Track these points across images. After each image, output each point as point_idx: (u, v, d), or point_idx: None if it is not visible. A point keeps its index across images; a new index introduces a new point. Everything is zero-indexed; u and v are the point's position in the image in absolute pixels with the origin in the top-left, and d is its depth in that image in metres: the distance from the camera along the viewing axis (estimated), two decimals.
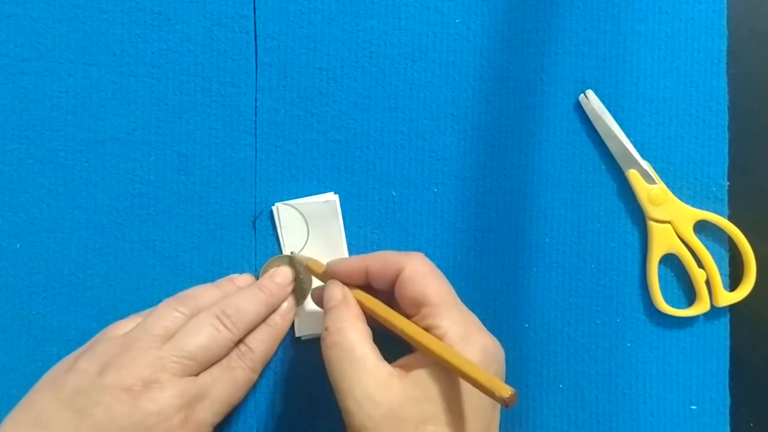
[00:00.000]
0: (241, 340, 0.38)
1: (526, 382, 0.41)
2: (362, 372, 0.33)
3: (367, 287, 0.37)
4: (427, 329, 0.34)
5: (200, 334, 0.36)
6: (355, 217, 0.42)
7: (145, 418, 0.33)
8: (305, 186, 0.42)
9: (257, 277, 0.41)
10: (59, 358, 0.37)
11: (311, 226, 0.42)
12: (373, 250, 0.42)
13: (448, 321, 0.33)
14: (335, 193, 0.42)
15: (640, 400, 0.41)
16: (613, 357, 0.42)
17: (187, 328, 0.36)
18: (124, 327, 0.38)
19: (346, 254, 0.42)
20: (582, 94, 0.42)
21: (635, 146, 0.41)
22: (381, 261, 0.36)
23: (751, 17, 0.42)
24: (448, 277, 0.36)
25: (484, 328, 0.35)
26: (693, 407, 0.41)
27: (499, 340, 0.35)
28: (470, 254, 0.42)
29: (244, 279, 0.41)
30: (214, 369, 0.37)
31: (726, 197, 0.42)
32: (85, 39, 0.42)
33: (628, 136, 0.41)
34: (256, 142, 0.42)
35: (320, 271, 0.39)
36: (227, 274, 0.41)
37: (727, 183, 0.42)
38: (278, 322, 0.40)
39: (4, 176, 0.41)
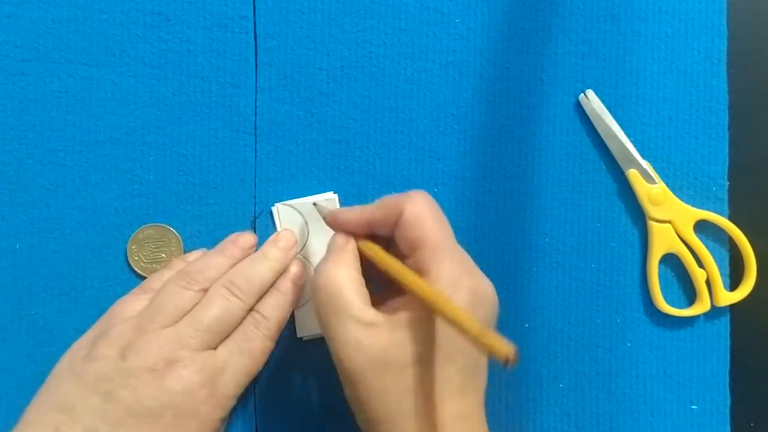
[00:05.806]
0: (253, 308, 0.38)
1: (526, 382, 0.41)
2: (348, 318, 0.33)
3: (372, 236, 0.37)
4: (420, 273, 0.34)
5: (213, 305, 0.36)
6: None
7: (172, 397, 0.34)
8: (305, 186, 0.42)
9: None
10: (59, 358, 0.37)
11: (311, 226, 0.41)
12: None
13: (440, 266, 0.33)
14: (335, 193, 0.42)
15: (640, 400, 0.41)
16: (613, 357, 0.42)
17: (199, 304, 0.37)
18: (130, 305, 0.38)
19: None
20: (582, 94, 0.42)
21: (635, 146, 0.41)
22: (383, 209, 0.36)
23: (751, 17, 0.42)
24: None
25: (478, 272, 0.35)
26: (693, 407, 0.41)
27: None
28: (470, 254, 0.41)
29: (246, 239, 0.41)
30: (231, 342, 0.37)
31: (726, 197, 0.42)
32: (85, 39, 0.42)
33: (628, 135, 0.41)
34: (256, 142, 0.42)
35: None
36: None
37: (727, 183, 0.42)
38: (289, 288, 0.39)
39: (4, 176, 0.41)
